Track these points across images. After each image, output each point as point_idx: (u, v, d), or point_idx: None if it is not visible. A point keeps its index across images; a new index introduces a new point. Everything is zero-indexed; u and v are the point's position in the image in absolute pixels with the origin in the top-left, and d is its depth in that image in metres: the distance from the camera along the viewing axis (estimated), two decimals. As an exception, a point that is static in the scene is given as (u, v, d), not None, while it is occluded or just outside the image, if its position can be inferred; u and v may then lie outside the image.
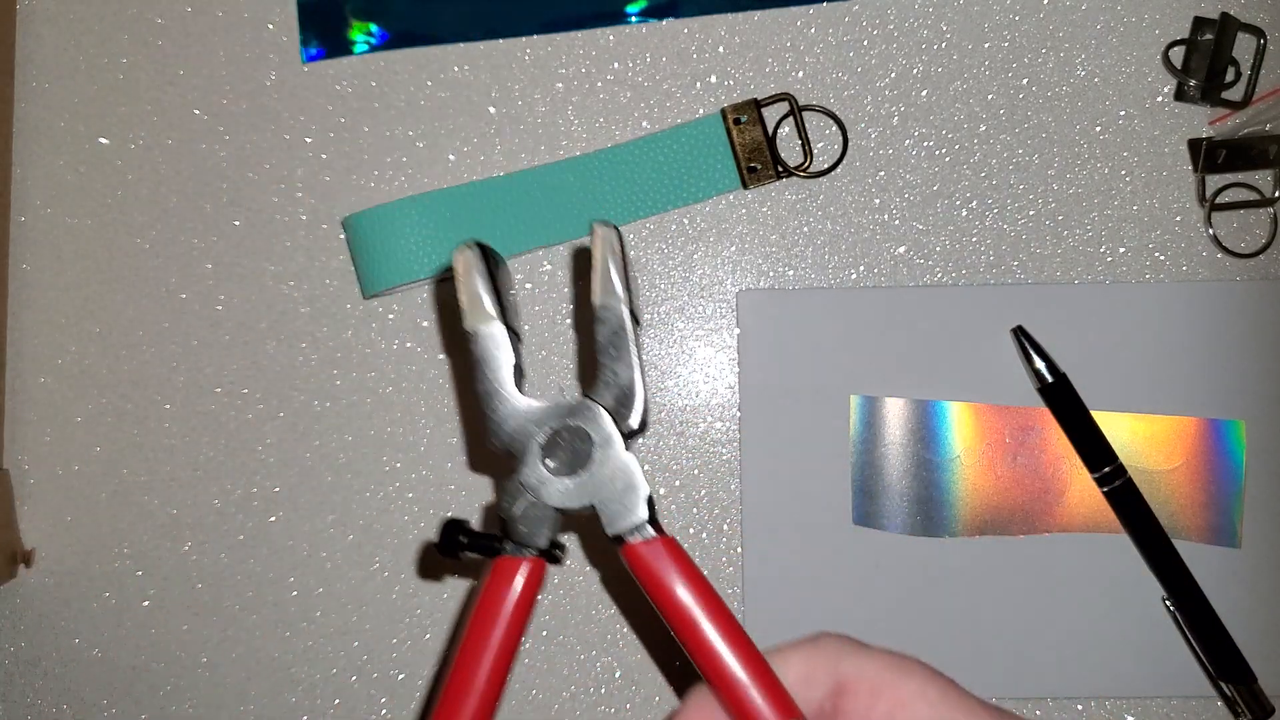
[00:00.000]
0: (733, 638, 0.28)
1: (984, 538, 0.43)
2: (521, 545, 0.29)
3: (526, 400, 0.30)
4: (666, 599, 0.29)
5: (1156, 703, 0.43)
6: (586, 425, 0.30)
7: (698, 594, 0.29)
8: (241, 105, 0.44)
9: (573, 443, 0.30)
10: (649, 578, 0.29)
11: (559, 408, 0.30)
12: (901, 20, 0.44)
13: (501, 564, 0.29)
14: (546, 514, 0.30)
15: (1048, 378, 0.42)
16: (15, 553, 0.44)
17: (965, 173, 0.44)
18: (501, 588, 0.29)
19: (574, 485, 0.30)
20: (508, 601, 0.29)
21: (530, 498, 0.29)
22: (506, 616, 0.29)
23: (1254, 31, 0.43)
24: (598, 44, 0.44)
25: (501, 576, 0.29)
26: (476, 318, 0.30)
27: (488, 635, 0.29)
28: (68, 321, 0.44)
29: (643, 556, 0.29)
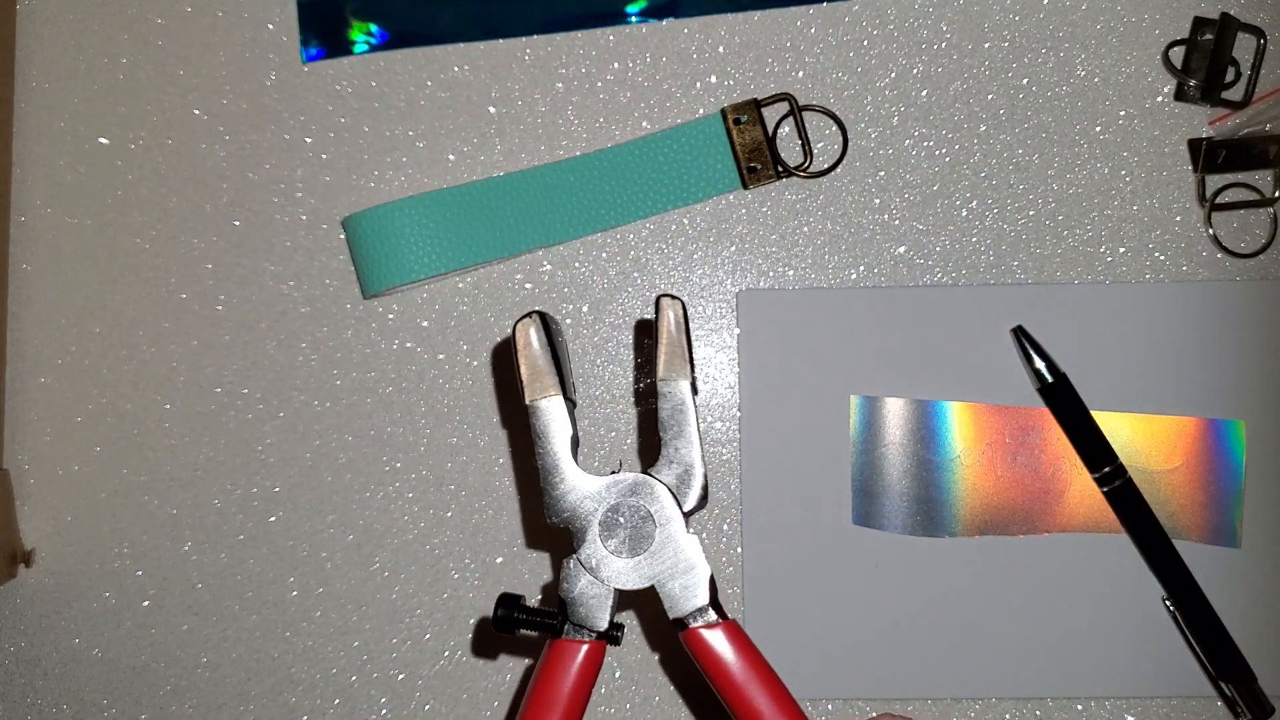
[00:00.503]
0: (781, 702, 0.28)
1: (984, 538, 0.43)
2: (580, 626, 0.29)
3: (586, 476, 0.29)
4: (729, 684, 0.28)
5: (1156, 703, 0.43)
6: (648, 504, 0.29)
7: (761, 680, 0.28)
8: (241, 105, 0.44)
9: (633, 521, 0.29)
10: (712, 663, 0.29)
11: (619, 484, 0.29)
12: (901, 20, 0.44)
13: (559, 646, 0.29)
14: (606, 594, 0.29)
15: (1048, 378, 0.42)
16: (15, 553, 0.44)
17: (965, 173, 0.44)
18: (560, 671, 0.29)
19: (634, 565, 0.29)
20: (566, 684, 0.29)
21: (589, 577, 0.29)
22: (564, 700, 0.28)
23: (1254, 31, 0.43)
24: (598, 44, 0.44)
25: (560, 659, 0.29)
26: (537, 391, 0.29)
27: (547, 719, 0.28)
28: (68, 321, 0.44)
29: (706, 641, 0.29)
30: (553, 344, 0.30)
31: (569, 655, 0.29)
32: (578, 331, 0.44)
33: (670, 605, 0.29)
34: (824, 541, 0.43)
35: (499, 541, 0.44)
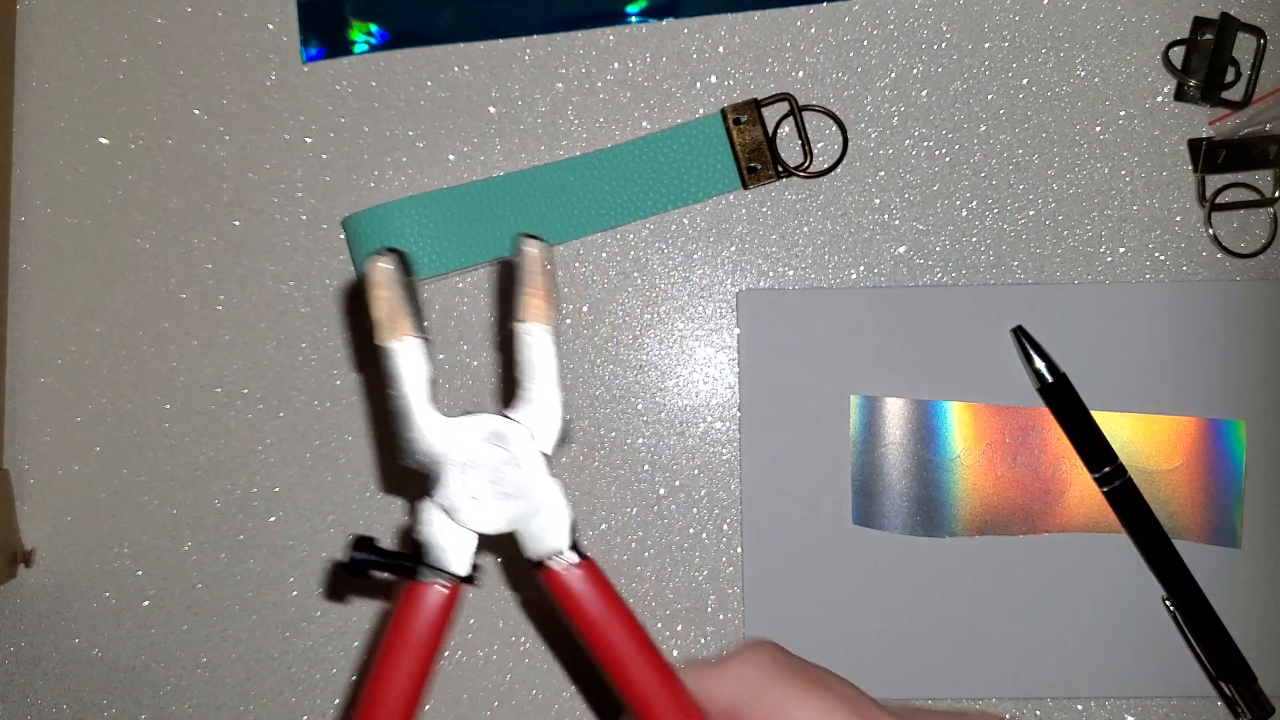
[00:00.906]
0: (651, 664, 0.28)
1: (984, 538, 0.43)
2: (436, 569, 0.28)
3: (443, 418, 0.28)
4: (587, 624, 0.28)
5: (1156, 703, 0.43)
6: (507, 446, 0.29)
7: (619, 620, 0.28)
8: (241, 105, 0.44)
9: (492, 464, 0.29)
10: (570, 603, 0.28)
11: (477, 426, 0.28)
12: (901, 20, 0.44)
13: (415, 589, 0.28)
14: (463, 536, 0.28)
15: (1048, 378, 0.42)
16: (15, 553, 0.44)
17: (965, 173, 0.44)
18: (415, 615, 0.28)
19: (492, 508, 0.28)
20: (421, 629, 0.28)
21: (446, 520, 0.28)
22: (420, 645, 0.28)
23: (1254, 31, 0.43)
24: (598, 44, 0.44)
25: (415, 603, 0.28)
26: (394, 331, 0.28)
27: (401, 664, 0.28)
28: (68, 321, 0.44)
29: (564, 581, 0.28)
30: (408, 283, 0.29)
31: (424, 599, 0.28)
32: (578, 331, 0.44)
33: (528, 547, 0.29)
34: (824, 541, 0.43)
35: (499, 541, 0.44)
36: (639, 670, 0.28)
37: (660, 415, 0.44)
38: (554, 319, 0.29)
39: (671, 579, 0.44)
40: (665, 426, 0.44)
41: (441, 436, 0.28)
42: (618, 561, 0.44)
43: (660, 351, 0.44)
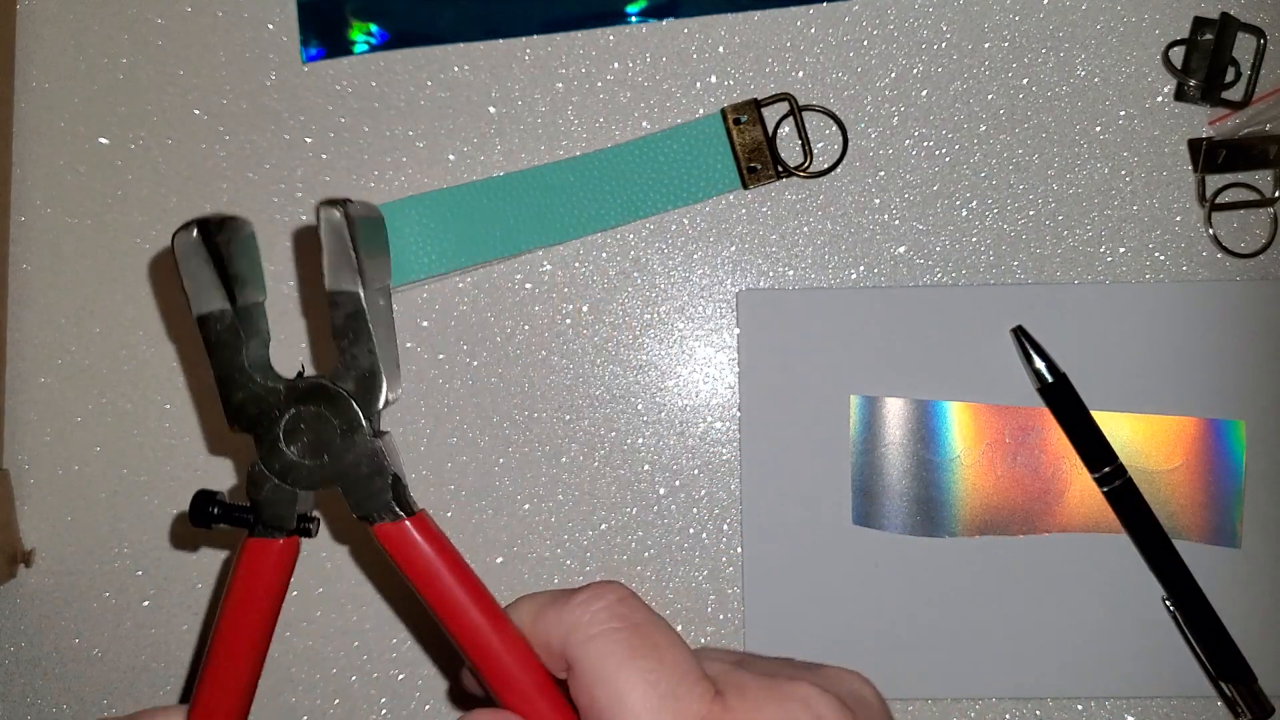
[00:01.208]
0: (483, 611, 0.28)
1: (984, 538, 0.43)
2: (271, 526, 0.29)
3: (265, 384, 0.29)
4: (419, 576, 0.29)
5: (1156, 703, 0.43)
6: (327, 410, 0.29)
7: (450, 569, 0.29)
8: (241, 105, 0.44)
9: (314, 425, 0.29)
10: (401, 556, 0.29)
11: (298, 390, 0.29)
12: (901, 20, 0.44)
13: (251, 546, 0.29)
14: (293, 495, 0.29)
15: (1048, 378, 0.42)
16: (15, 553, 0.44)
17: (965, 173, 0.44)
18: (253, 570, 0.29)
19: (316, 467, 0.29)
20: (259, 583, 0.29)
21: (275, 480, 0.29)
22: (260, 595, 0.29)
23: (1254, 31, 0.43)
24: (598, 44, 0.44)
25: (252, 558, 0.29)
26: (203, 303, 0.29)
27: (242, 618, 0.29)
28: (68, 321, 0.44)
29: (391, 537, 0.29)
30: (219, 249, 0.29)
31: (261, 554, 0.29)
32: (578, 331, 0.44)
33: (354, 505, 0.29)
34: (824, 541, 0.43)
35: (499, 541, 0.44)
36: (469, 618, 0.28)
37: (660, 415, 0.44)
38: (364, 279, 0.29)
39: (671, 579, 0.44)
40: (665, 426, 0.44)
41: (265, 399, 0.29)
42: (618, 561, 0.44)
43: (660, 351, 0.44)
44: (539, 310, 0.44)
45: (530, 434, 0.44)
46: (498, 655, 0.28)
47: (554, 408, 0.44)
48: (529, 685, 0.28)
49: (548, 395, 0.44)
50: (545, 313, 0.44)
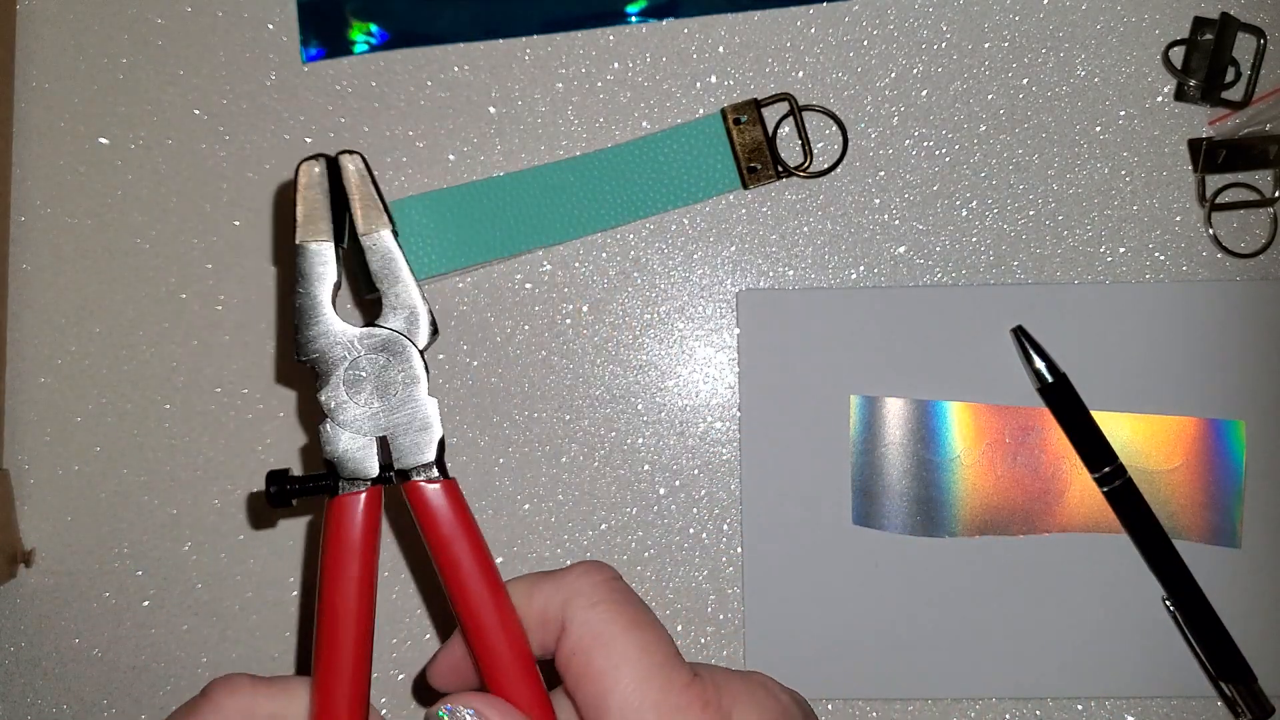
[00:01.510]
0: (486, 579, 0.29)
1: (984, 538, 0.43)
2: (352, 479, 0.30)
3: (342, 323, 0.30)
4: (438, 538, 0.29)
5: (1156, 703, 0.43)
6: (395, 359, 0.30)
7: (468, 538, 0.29)
8: (241, 105, 0.44)
9: (376, 373, 0.30)
10: (427, 517, 0.30)
11: (371, 337, 0.30)
12: (901, 20, 0.44)
13: (336, 503, 0.29)
14: (367, 442, 0.30)
15: (1048, 378, 0.42)
16: (15, 553, 0.44)
17: (965, 173, 0.44)
18: (343, 525, 0.29)
19: (372, 414, 0.30)
20: (352, 536, 0.29)
21: (348, 433, 0.30)
22: (356, 550, 0.29)
23: (1254, 31, 0.43)
24: (598, 44, 0.44)
25: (340, 514, 0.29)
26: (309, 233, 0.30)
27: (344, 572, 0.29)
28: (68, 321, 0.44)
29: (425, 495, 0.30)
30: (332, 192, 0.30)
31: (348, 508, 0.29)
32: (578, 331, 0.44)
33: (397, 457, 0.30)
34: (824, 541, 0.43)
35: (499, 541, 0.44)
36: (474, 584, 0.29)
37: (660, 415, 0.44)
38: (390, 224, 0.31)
39: (671, 579, 0.44)
40: (665, 426, 0.44)
41: (336, 338, 0.30)
42: (618, 561, 0.44)
43: (660, 351, 0.44)
44: (539, 310, 0.44)
45: (530, 434, 0.44)
46: (496, 631, 0.29)
47: (554, 408, 0.44)
48: (518, 666, 0.29)
49: (548, 395, 0.44)
50: (545, 313, 0.44)
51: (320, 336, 0.30)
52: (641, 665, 0.28)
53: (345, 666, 0.29)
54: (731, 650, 0.43)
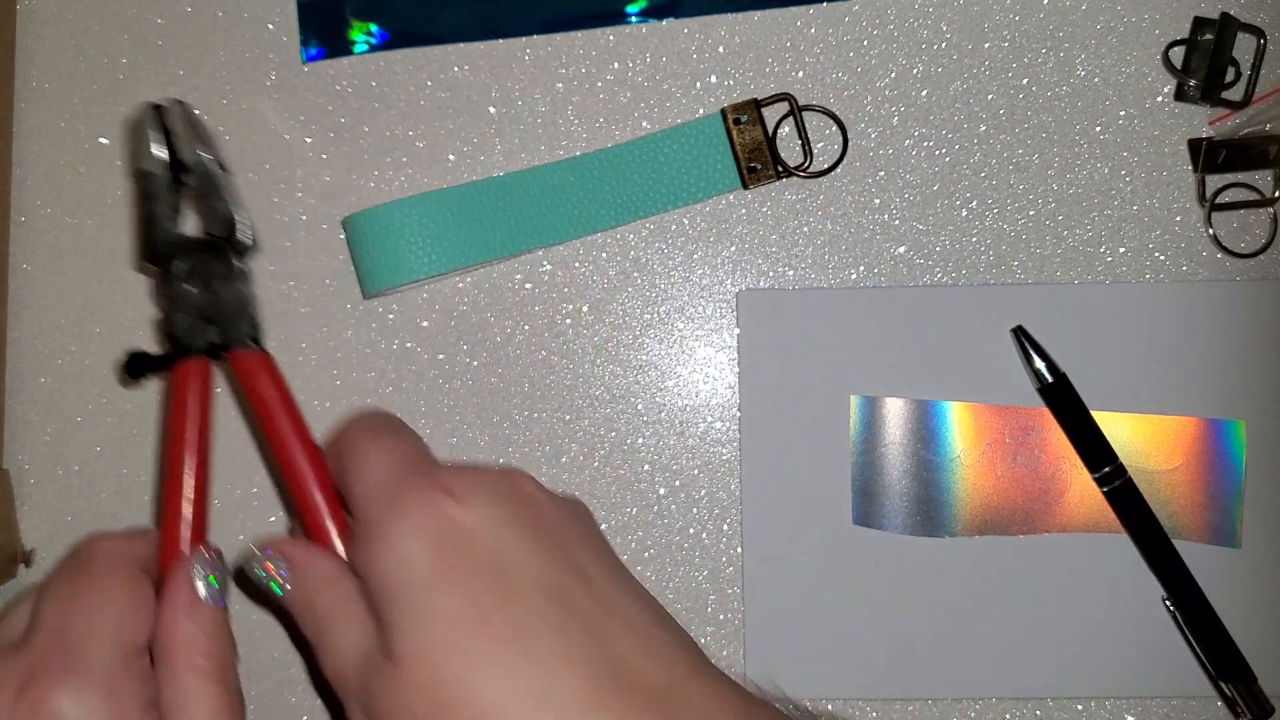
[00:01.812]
0: (302, 440, 0.35)
1: (984, 538, 0.43)
2: (188, 352, 0.36)
3: (176, 231, 0.37)
4: (258, 405, 0.35)
5: (1156, 703, 0.43)
6: (217, 257, 0.37)
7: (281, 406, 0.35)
8: (241, 105, 0.44)
9: (205, 268, 0.37)
10: (243, 380, 0.36)
11: (200, 243, 0.37)
12: (901, 20, 0.44)
13: (175, 371, 0.35)
14: (200, 324, 0.36)
15: (1048, 378, 0.42)
16: (15, 553, 0.44)
17: (965, 173, 0.44)
18: (180, 388, 0.35)
19: (200, 302, 0.36)
20: (188, 397, 0.35)
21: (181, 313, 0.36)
22: (191, 409, 0.35)
23: (1254, 31, 0.43)
24: (598, 44, 0.44)
25: (178, 380, 0.35)
26: (147, 161, 0.37)
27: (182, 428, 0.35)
28: (68, 321, 0.44)
29: (243, 365, 0.36)
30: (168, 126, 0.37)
31: (184, 374, 0.35)
32: (578, 331, 0.44)
33: (220, 334, 0.36)
34: (824, 541, 0.43)
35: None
36: (293, 447, 0.35)
37: (660, 415, 0.44)
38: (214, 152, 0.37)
39: (671, 579, 0.44)
40: (665, 426, 0.44)
41: (173, 243, 0.37)
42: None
43: (660, 351, 0.44)
44: (539, 310, 0.44)
45: (530, 434, 0.44)
46: (309, 481, 0.34)
47: (554, 408, 0.44)
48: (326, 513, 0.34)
49: (548, 395, 0.44)
50: (545, 313, 0.44)
51: (159, 243, 0.37)
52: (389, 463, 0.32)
53: (185, 509, 0.34)
54: (731, 650, 0.43)
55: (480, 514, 0.30)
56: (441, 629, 0.28)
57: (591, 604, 0.29)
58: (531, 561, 0.29)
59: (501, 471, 0.31)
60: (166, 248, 0.37)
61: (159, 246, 0.37)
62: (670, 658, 0.29)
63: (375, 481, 0.31)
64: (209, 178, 0.37)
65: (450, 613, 0.28)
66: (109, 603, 0.32)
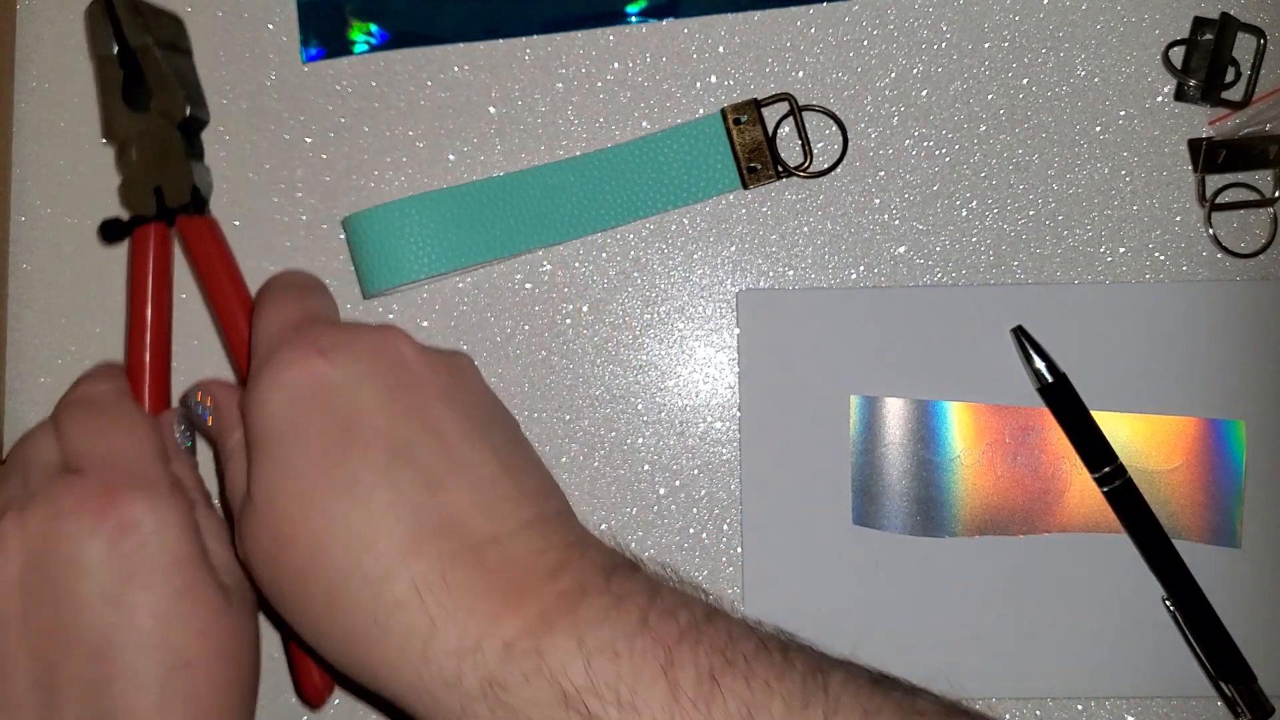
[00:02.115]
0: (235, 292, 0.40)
1: (984, 538, 0.43)
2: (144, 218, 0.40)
3: (130, 111, 0.41)
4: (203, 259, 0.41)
5: (1156, 703, 0.43)
6: (166, 133, 0.41)
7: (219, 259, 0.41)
8: (241, 105, 0.44)
9: (157, 140, 0.41)
10: (191, 244, 0.41)
11: (152, 119, 0.41)
12: (901, 20, 0.44)
13: (134, 236, 0.40)
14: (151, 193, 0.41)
15: (1048, 378, 0.42)
16: (15, 552, 0.44)
17: (965, 173, 0.44)
18: (139, 251, 0.40)
19: (152, 173, 0.41)
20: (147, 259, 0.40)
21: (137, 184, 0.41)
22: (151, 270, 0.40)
23: (1254, 31, 0.43)
24: (598, 44, 0.44)
25: (136, 244, 0.40)
26: (101, 49, 0.41)
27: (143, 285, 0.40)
28: (68, 321, 0.44)
29: (187, 228, 0.41)
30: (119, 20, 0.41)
31: (142, 237, 0.40)
32: (578, 331, 0.44)
33: (169, 200, 0.41)
34: (824, 541, 0.43)
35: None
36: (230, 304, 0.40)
37: (660, 415, 0.44)
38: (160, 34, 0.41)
39: (671, 579, 0.44)
40: (665, 426, 0.44)
41: (127, 123, 0.41)
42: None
43: (660, 351, 0.44)
44: (539, 310, 0.44)
45: (530, 434, 0.44)
46: (241, 332, 0.40)
47: (554, 408, 0.44)
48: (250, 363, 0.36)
49: (548, 395, 0.44)
50: (545, 313, 0.44)
51: (115, 122, 0.41)
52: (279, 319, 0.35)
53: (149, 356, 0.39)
54: (731, 650, 0.43)
55: (343, 371, 0.32)
56: (286, 474, 0.31)
57: (436, 459, 0.31)
58: (381, 417, 0.32)
59: (377, 331, 0.33)
60: (120, 128, 0.41)
61: (113, 126, 0.41)
62: (504, 511, 0.31)
63: (263, 336, 0.35)
64: (154, 62, 0.41)
65: (296, 460, 0.31)
66: (139, 428, 0.37)
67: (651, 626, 0.29)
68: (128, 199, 0.41)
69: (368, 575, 0.30)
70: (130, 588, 0.33)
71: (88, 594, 0.33)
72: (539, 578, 0.30)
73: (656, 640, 0.29)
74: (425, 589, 0.29)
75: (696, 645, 0.29)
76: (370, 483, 0.31)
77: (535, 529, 0.32)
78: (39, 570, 0.33)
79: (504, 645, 0.29)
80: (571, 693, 0.28)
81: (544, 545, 0.31)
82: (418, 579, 0.29)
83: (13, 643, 0.33)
